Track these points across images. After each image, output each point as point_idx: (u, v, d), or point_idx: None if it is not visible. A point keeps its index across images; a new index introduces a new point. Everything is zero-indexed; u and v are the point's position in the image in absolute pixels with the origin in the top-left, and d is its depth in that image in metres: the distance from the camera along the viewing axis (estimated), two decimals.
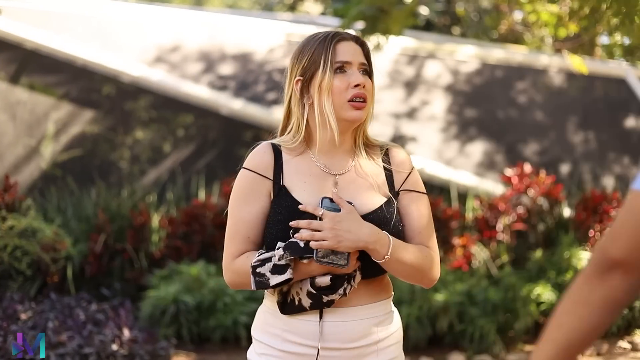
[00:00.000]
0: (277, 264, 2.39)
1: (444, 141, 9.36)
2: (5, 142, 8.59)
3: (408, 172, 2.61)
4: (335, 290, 2.40)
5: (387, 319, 2.57)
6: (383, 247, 2.40)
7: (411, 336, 6.52)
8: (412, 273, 2.51)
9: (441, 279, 6.84)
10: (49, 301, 7.11)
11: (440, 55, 9.69)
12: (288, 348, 2.49)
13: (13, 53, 8.65)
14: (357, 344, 2.49)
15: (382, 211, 2.50)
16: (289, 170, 2.54)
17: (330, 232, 2.35)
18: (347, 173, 2.54)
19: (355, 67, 2.54)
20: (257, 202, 2.51)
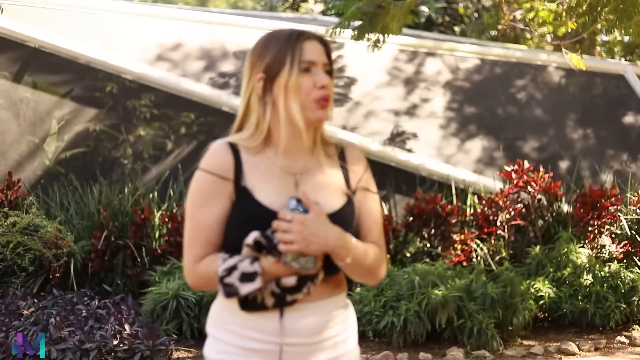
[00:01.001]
0: (245, 271, 2.37)
1: (443, 138, 9.39)
2: (9, 139, 8.64)
3: (363, 171, 2.62)
4: (300, 289, 2.41)
5: (343, 312, 2.60)
6: (346, 250, 2.41)
7: (410, 331, 6.56)
8: (364, 273, 2.55)
9: (440, 274, 6.88)
10: (52, 297, 7.17)
11: (440, 53, 9.73)
12: (248, 345, 2.48)
13: (16, 51, 8.70)
14: (317, 338, 2.50)
15: (344, 211, 2.51)
16: (249, 170, 2.49)
17: (299, 236, 2.33)
18: (307, 172, 2.53)
19: (320, 67, 2.48)
20: (218, 205, 2.46)
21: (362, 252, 2.49)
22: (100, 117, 8.98)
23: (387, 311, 6.70)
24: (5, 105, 8.66)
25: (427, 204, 7.99)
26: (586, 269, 7.20)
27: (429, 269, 6.93)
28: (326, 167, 2.56)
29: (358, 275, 2.54)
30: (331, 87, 2.51)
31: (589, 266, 7.22)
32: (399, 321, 6.56)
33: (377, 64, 9.53)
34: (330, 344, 2.55)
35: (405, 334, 6.60)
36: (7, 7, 8.47)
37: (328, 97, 2.48)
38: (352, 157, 2.62)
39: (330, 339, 2.54)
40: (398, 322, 6.56)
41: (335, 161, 2.59)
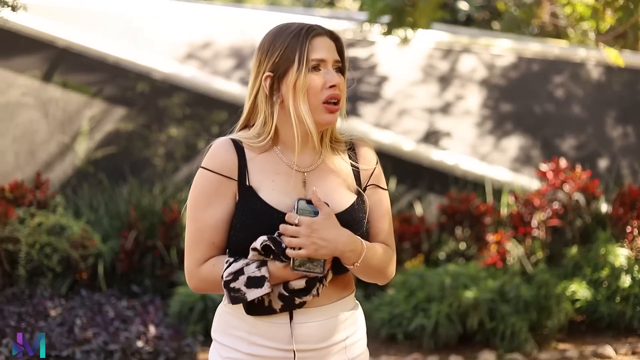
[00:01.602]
0: (252, 276, 2.27)
1: (478, 136, 9.23)
2: (38, 139, 8.63)
3: (373, 168, 2.51)
4: (309, 292, 2.32)
5: (353, 314, 2.50)
6: (356, 254, 2.33)
7: (441, 334, 6.41)
8: (374, 274, 2.45)
9: (472, 275, 6.72)
10: (80, 298, 7.12)
11: (476, 50, 9.55)
12: (256, 351, 2.39)
13: (45, 51, 8.68)
14: (327, 343, 2.41)
15: (354, 210, 2.42)
16: (254, 169, 2.38)
17: (307, 240, 2.24)
18: (315, 170, 2.43)
19: (330, 65, 2.39)
20: (221, 205, 2.36)
21: (374, 255, 2.39)
22: (131, 117, 8.93)
23: (418, 313, 6.55)
24: (34, 105, 8.64)
25: (461, 203, 7.84)
26: (625, 270, 6.98)
27: (461, 270, 6.78)
28: (335, 164, 2.45)
29: (367, 276, 2.44)
30: (342, 85, 2.41)
31: (627, 267, 7.01)
32: (429, 323, 6.41)
33: (410, 62, 9.38)
34: (341, 348, 2.45)
35: (436, 336, 6.45)
36: (36, 7, 8.45)
37: (337, 97, 2.38)
38: (363, 153, 2.51)
39: (340, 343, 2.45)
40: (428, 324, 6.41)
41: (345, 158, 2.48)
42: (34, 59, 8.69)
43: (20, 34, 8.55)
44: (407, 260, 7.72)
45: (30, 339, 6.07)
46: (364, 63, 9.33)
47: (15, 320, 6.48)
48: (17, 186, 7.61)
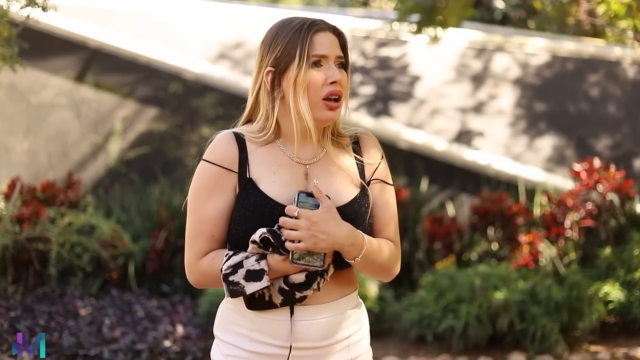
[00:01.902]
0: (251, 269, 2.25)
1: (512, 136, 9.14)
2: (71, 140, 8.68)
3: (378, 162, 2.48)
4: (309, 286, 2.29)
5: (356, 312, 2.47)
6: (357, 248, 2.29)
7: (470, 335, 6.35)
8: (377, 271, 2.42)
9: (503, 276, 6.65)
10: (110, 297, 7.16)
11: (509, 48, 9.46)
12: (257, 349, 2.37)
13: (78, 52, 8.74)
14: (329, 341, 2.39)
15: (357, 204, 2.39)
16: (255, 161, 2.37)
17: (306, 233, 2.22)
18: (318, 162, 2.40)
19: (332, 61, 2.36)
20: (222, 198, 2.35)
21: (375, 250, 2.35)
22: (163, 117, 8.96)
23: (448, 314, 6.50)
24: (67, 106, 8.70)
25: (493, 204, 7.76)
26: None
27: (491, 271, 6.71)
28: (338, 157, 2.43)
29: (370, 271, 2.41)
30: (344, 81, 2.38)
31: None
32: (459, 324, 6.35)
33: (443, 61, 9.31)
34: (343, 347, 2.42)
35: (466, 337, 6.39)
36: (68, 8, 8.50)
37: (338, 93, 2.35)
38: (368, 147, 2.48)
39: (342, 341, 2.42)
40: (458, 325, 6.35)
41: (349, 152, 2.46)
42: (67, 60, 8.75)
43: (54, 35, 8.62)
44: (439, 261, 7.67)
45: (58, 338, 6.11)
46: (396, 62, 9.28)
47: (45, 319, 6.53)
48: (49, 186, 7.67)
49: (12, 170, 8.33)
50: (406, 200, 8.10)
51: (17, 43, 6.56)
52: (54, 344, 6.03)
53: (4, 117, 8.53)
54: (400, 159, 8.76)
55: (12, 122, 8.56)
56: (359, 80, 9.16)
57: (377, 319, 6.93)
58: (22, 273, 7.38)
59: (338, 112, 2.38)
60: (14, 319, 6.53)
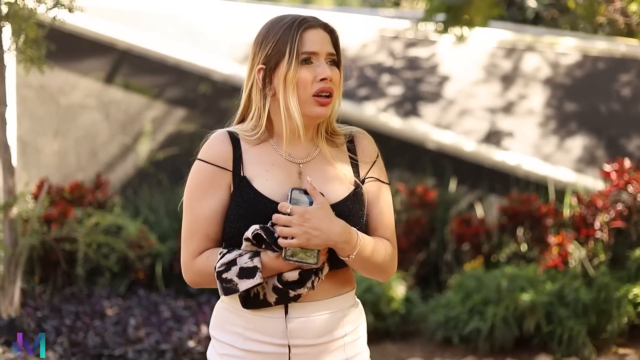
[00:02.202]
0: (244, 266, 2.25)
1: (542, 136, 9.05)
2: (100, 141, 8.73)
3: (373, 161, 2.47)
4: (303, 284, 2.28)
5: (352, 311, 2.45)
6: (351, 246, 2.28)
7: (497, 337, 6.30)
8: (372, 270, 2.40)
9: (530, 278, 6.59)
10: (137, 297, 7.18)
11: (540, 48, 9.38)
12: (251, 347, 2.36)
13: (107, 54, 8.78)
14: (324, 339, 2.37)
15: (351, 202, 2.37)
16: (249, 159, 2.37)
17: (299, 229, 2.21)
18: (312, 161, 2.40)
19: (323, 58, 2.37)
20: (216, 197, 2.35)
21: (370, 248, 2.34)
22: (192, 118, 8.98)
23: (474, 316, 6.44)
24: (96, 107, 8.75)
25: (522, 204, 7.70)
26: None
27: (518, 272, 6.65)
28: (332, 155, 2.42)
29: (365, 270, 2.39)
30: (336, 78, 2.37)
31: None
32: (485, 326, 6.30)
33: (472, 61, 9.25)
34: (339, 345, 2.40)
35: (492, 339, 6.33)
36: (97, 10, 8.55)
37: (329, 90, 2.34)
38: (362, 146, 2.47)
39: (338, 340, 2.40)
40: (484, 327, 6.30)
41: (343, 150, 2.45)
42: (96, 62, 8.80)
43: (83, 37, 8.67)
44: (467, 262, 7.62)
45: (84, 338, 6.13)
46: (425, 63, 9.24)
47: (71, 319, 6.56)
48: (77, 187, 7.72)
49: (42, 171, 8.39)
50: (434, 201, 8.06)
51: (44, 44, 6.62)
52: (79, 344, 6.06)
53: (34, 118, 8.59)
54: (429, 160, 8.72)
55: (42, 123, 8.63)
56: (387, 80, 9.12)
57: (403, 320, 6.90)
58: (51, 273, 7.44)
59: (329, 108, 2.37)
60: (41, 318, 6.57)
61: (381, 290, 6.78)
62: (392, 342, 6.76)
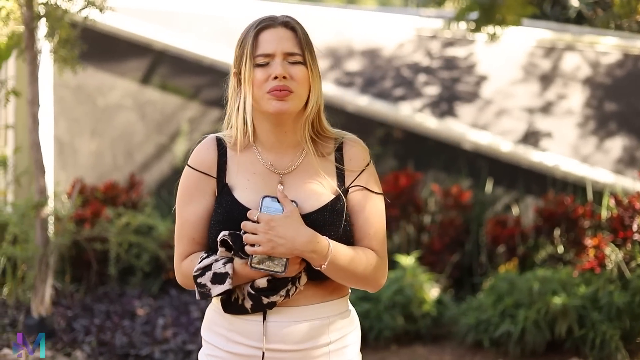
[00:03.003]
0: (217, 272, 2.26)
1: (580, 136, 8.92)
2: (135, 141, 8.77)
3: (361, 169, 2.41)
4: (276, 291, 2.27)
5: (340, 319, 2.41)
6: (321, 255, 2.24)
7: (528, 341, 6.20)
8: (351, 280, 2.34)
9: (564, 281, 6.47)
10: (169, 297, 7.20)
11: (580, 47, 9.23)
12: (232, 349, 2.36)
13: (143, 54, 8.82)
14: (305, 346, 2.34)
15: (328, 211, 2.33)
16: (232, 167, 2.39)
17: (264, 237, 2.20)
18: (294, 171, 2.38)
19: (279, 58, 2.35)
20: (201, 202, 2.38)
21: (347, 258, 2.29)
22: None
23: (505, 319, 6.35)
24: (132, 107, 8.79)
25: (558, 206, 7.58)
26: None
27: (551, 275, 6.54)
28: (315, 165, 2.38)
29: (344, 281, 2.35)
30: (297, 75, 2.34)
31: None
32: (516, 329, 6.20)
33: (510, 60, 9.13)
34: (323, 353, 2.37)
35: (523, 343, 6.24)
36: (134, 11, 8.59)
37: (281, 87, 2.31)
38: (350, 154, 2.42)
39: (321, 348, 2.37)
40: (515, 330, 6.21)
41: (330, 160, 2.40)
42: (133, 62, 8.84)
43: (120, 38, 8.72)
44: (501, 264, 7.52)
45: (111, 338, 6.16)
46: (463, 62, 9.14)
47: (101, 319, 6.60)
48: (112, 187, 7.76)
49: (79, 171, 8.45)
50: (469, 203, 7.98)
51: (78, 45, 6.66)
52: (106, 344, 6.09)
53: (71, 118, 8.66)
54: (465, 161, 8.64)
55: (78, 123, 8.70)
56: (424, 80, 9.05)
57: (435, 322, 6.84)
58: (84, 272, 7.49)
59: (288, 102, 2.33)
60: (71, 318, 6.62)
61: (412, 293, 6.71)
62: (422, 345, 6.69)
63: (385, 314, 6.56)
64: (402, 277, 6.81)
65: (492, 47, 8.81)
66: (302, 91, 2.35)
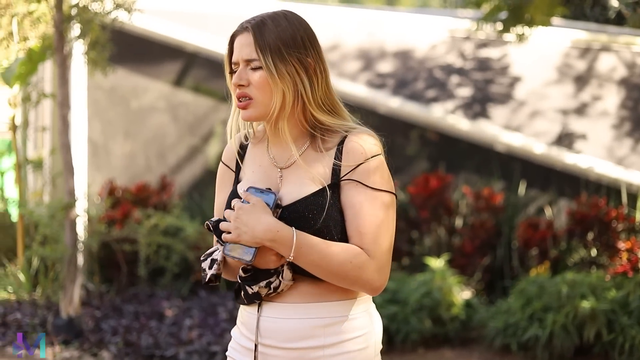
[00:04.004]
0: (213, 258, 2.34)
1: (615, 138, 8.79)
2: (168, 143, 8.82)
3: (357, 163, 2.31)
4: (256, 282, 2.28)
5: (341, 323, 2.33)
6: (284, 246, 2.22)
7: (556, 344, 6.12)
8: (332, 277, 2.27)
9: (593, 284, 6.38)
10: (198, 299, 7.22)
11: (615, 48, 9.11)
12: (240, 340, 2.43)
13: (175, 57, 8.86)
14: (297, 345, 2.31)
15: (307, 203, 2.29)
16: (247, 160, 2.46)
17: (233, 225, 2.24)
18: (292, 166, 2.37)
19: (242, 65, 2.35)
20: (225, 192, 2.47)
21: (318, 252, 2.24)
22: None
23: (533, 323, 6.28)
24: (165, 109, 8.84)
25: (591, 209, 7.49)
26: None
27: (582, 279, 6.44)
28: (312, 160, 2.35)
29: (327, 278, 2.29)
30: (255, 81, 2.32)
31: None
32: (544, 334, 6.13)
33: (545, 61, 9.04)
34: (317, 356, 2.32)
35: (551, 347, 6.16)
36: (166, 13, 8.64)
37: (240, 95, 2.34)
38: (347, 149, 2.34)
39: (317, 350, 2.32)
40: (543, 334, 6.13)
41: (329, 155, 2.35)
42: (166, 64, 8.89)
43: (154, 41, 8.77)
44: (533, 268, 7.44)
45: (137, 339, 6.19)
46: (496, 63, 9.07)
47: (129, 320, 6.64)
48: (143, 188, 7.81)
49: (112, 172, 8.51)
50: (500, 205, 7.90)
51: (108, 47, 6.72)
52: (132, 344, 6.12)
53: (104, 120, 8.73)
54: (497, 163, 8.56)
55: (112, 125, 8.76)
56: (457, 81, 8.99)
57: (464, 326, 6.78)
58: (115, 273, 7.54)
59: (250, 111, 2.34)
60: (100, 318, 6.66)
61: (441, 295, 6.67)
62: (450, 348, 6.64)
63: (413, 317, 6.52)
64: (430, 280, 6.77)
65: (526, 48, 8.73)
66: (263, 96, 2.33)
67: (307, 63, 2.37)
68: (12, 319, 6.63)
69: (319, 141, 2.37)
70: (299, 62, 2.35)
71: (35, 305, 6.93)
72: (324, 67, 2.43)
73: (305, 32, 2.41)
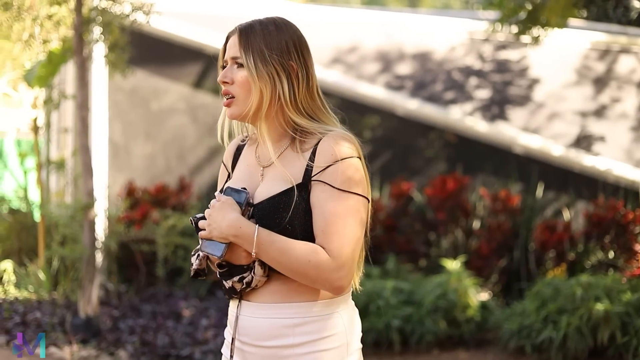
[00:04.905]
0: (199, 253, 2.42)
1: (634, 140, 8.77)
2: (188, 144, 8.89)
3: (327, 165, 2.34)
4: (231, 276, 2.36)
5: (312, 322, 2.37)
6: (247, 242, 2.29)
7: (570, 347, 6.12)
8: (294, 274, 2.31)
9: (608, 287, 6.38)
10: (215, 299, 7.28)
11: (635, 50, 9.09)
12: (227, 336, 2.49)
13: (195, 59, 8.93)
14: (269, 344, 2.37)
15: (273, 202, 2.35)
16: (239, 160, 2.56)
17: (207, 222, 2.34)
18: (271, 165, 2.43)
19: (230, 63, 2.48)
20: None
21: (278, 249, 2.30)
22: None
23: (548, 325, 6.29)
24: (185, 111, 8.91)
25: (608, 211, 7.48)
26: None
27: (596, 281, 6.44)
28: (288, 160, 2.42)
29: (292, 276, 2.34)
30: (238, 79, 2.44)
31: None
32: (558, 336, 6.14)
33: (564, 63, 9.03)
34: (288, 354, 2.38)
35: (565, 349, 6.17)
36: (186, 15, 8.72)
37: (224, 92, 2.47)
38: (319, 150, 2.37)
39: (288, 348, 2.38)
40: (557, 336, 6.14)
41: (303, 157, 2.40)
42: (186, 67, 8.96)
43: (174, 43, 8.84)
44: (550, 270, 7.45)
45: (153, 339, 6.26)
46: (515, 65, 9.07)
47: (146, 319, 6.70)
48: (162, 189, 7.88)
49: (133, 173, 8.60)
50: (517, 207, 7.91)
51: (127, 49, 6.79)
52: (149, 343, 6.19)
53: (125, 121, 8.82)
54: (515, 165, 8.56)
55: (132, 126, 8.85)
56: (475, 83, 9.00)
57: (479, 327, 6.80)
58: (134, 273, 7.62)
59: (233, 109, 2.46)
60: (118, 318, 6.74)
61: (456, 297, 6.69)
62: (465, 350, 6.66)
63: (428, 318, 6.54)
64: (446, 281, 6.79)
65: (545, 50, 8.73)
66: (243, 94, 2.43)
67: (289, 67, 2.44)
68: (32, 318, 6.72)
69: (298, 142, 2.42)
70: (280, 65, 2.42)
71: (54, 305, 7.02)
72: (308, 73, 2.49)
73: (291, 38, 2.50)
